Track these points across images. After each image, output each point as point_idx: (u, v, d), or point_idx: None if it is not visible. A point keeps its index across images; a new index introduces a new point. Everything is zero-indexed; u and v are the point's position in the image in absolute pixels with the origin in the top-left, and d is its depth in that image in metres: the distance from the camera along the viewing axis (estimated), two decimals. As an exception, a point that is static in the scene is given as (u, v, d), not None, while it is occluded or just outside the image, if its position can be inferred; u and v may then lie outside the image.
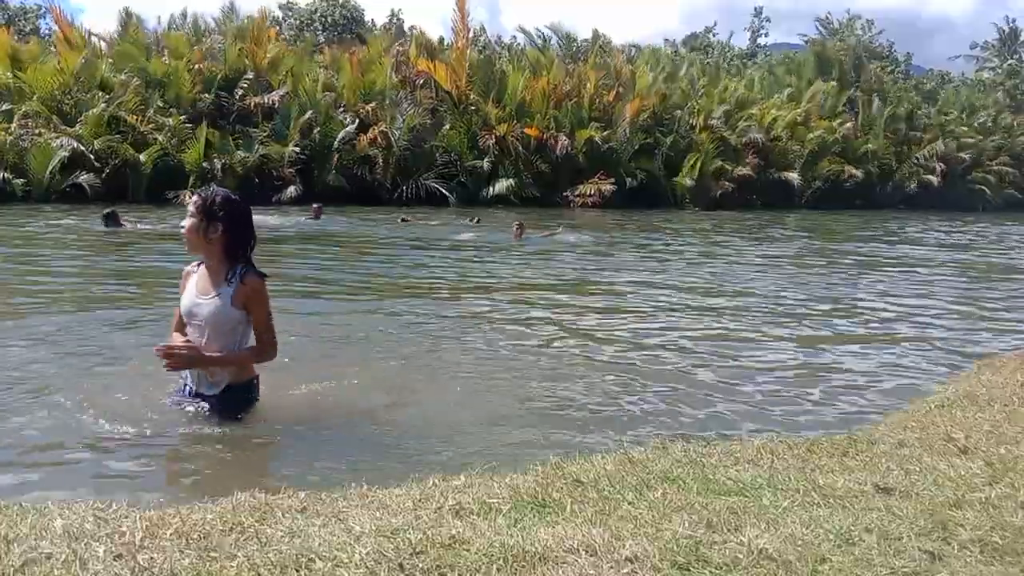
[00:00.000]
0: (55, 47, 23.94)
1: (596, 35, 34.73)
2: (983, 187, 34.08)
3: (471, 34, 29.67)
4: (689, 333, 6.99)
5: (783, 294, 9.45)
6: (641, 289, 9.54)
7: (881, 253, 15.15)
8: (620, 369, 5.63)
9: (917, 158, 32.54)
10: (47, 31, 33.23)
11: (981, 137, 35.04)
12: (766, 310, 8.32)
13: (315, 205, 17.65)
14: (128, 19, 24.80)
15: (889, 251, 15.69)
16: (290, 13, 41.63)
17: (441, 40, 30.90)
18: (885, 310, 8.61)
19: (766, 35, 48.85)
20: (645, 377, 5.45)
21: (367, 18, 42.98)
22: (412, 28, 38.98)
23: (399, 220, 17.63)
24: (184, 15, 26.13)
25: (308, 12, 41.58)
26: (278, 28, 37.28)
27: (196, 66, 23.38)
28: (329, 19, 40.93)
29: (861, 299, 9.29)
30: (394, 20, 41.96)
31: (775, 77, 34.88)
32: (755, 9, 50.02)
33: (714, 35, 45.87)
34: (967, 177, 33.99)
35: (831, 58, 34.96)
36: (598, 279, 10.09)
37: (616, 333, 6.90)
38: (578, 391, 5.06)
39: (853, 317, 8.14)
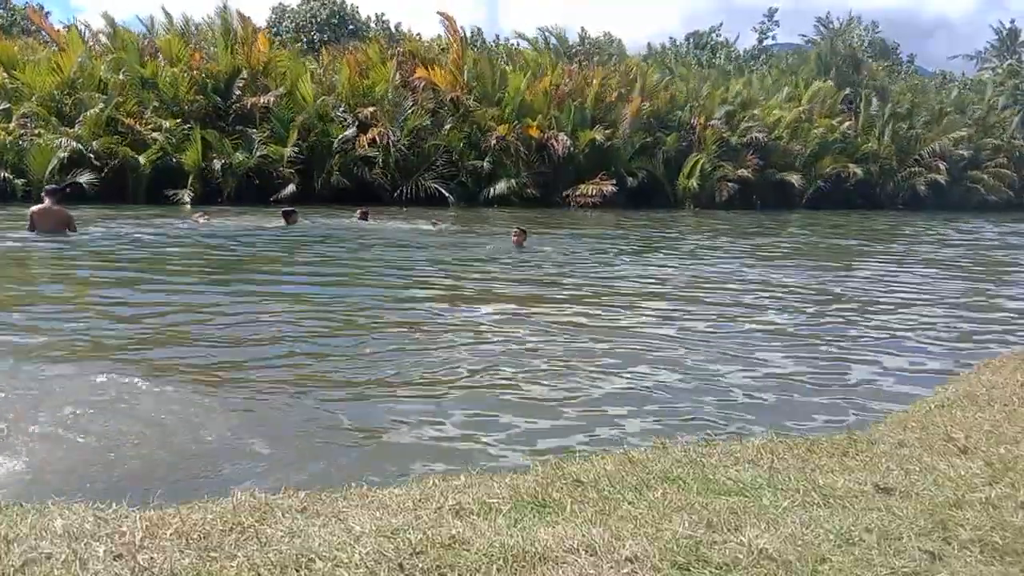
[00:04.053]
0: (56, 45, 23.86)
1: (583, 37, 35.17)
2: (981, 187, 34.11)
3: (468, 37, 29.56)
4: (688, 333, 7.00)
5: (782, 294, 9.45)
6: (640, 289, 9.53)
7: (881, 252, 15.14)
8: (619, 369, 5.63)
9: (917, 158, 32.59)
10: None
11: (979, 138, 35.06)
12: (765, 310, 8.32)
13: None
14: (113, 27, 24.57)
15: (889, 250, 15.67)
16: (284, 15, 41.35)
17: (439, 41, 30.83)
18: (885, 309, 8.61)
19: (774, 37, 48.31)
20: (644, 378, 5.46)
21: (362, 14, 42.66)
22: (398, 24, 38.99)
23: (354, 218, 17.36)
24: (167, 15, 25.78)
25: (304, 13, 41.34)
26: (274, 30, 37.22)
27: (191, 70, 23.25)
28: (319, 18, 40.68)
29: (861, 299, 9.28)
30: (380, 22, 41.68)
31: (775, 78, 34.87)
32: (768, 10, 49.26)
33: (718, 35, 45.57)
34: (965, 177, 34.00)
35: (830, 57, 34.97)
36: (594, 279, 10.08)
37: (614, 333, 6.89)
38: (577, 392, 5.07)
39: (853, 317, 8.14)
